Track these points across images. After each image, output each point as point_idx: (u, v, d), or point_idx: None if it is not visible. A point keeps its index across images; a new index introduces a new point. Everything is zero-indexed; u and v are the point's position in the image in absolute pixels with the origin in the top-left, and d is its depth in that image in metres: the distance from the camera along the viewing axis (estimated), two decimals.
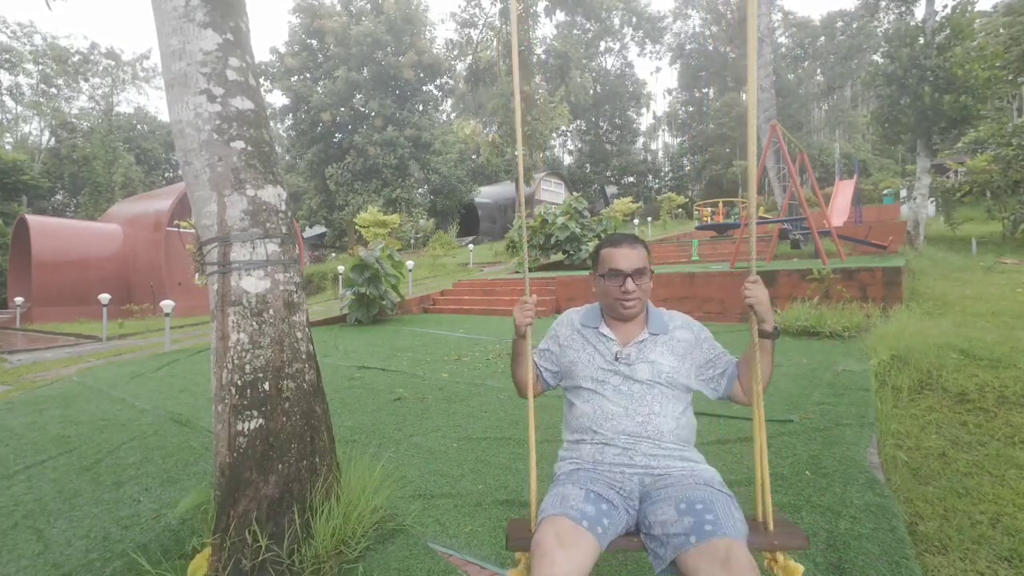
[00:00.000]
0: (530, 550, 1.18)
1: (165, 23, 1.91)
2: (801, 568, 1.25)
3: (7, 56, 32.70)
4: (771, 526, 1.30)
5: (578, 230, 12.16)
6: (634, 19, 39.99)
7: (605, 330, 1.53)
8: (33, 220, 15.74)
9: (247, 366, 1.86)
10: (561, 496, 1.28)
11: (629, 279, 1.46)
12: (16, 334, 12.19)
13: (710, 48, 39.40)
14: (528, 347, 1.53)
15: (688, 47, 40.28)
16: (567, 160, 45.48)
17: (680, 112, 43.00)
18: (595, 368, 1.49)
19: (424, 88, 29.18)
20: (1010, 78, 13.55)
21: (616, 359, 1.47)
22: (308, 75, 28.66)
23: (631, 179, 43.04)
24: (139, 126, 38.57)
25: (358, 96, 27.29)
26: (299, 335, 2.01)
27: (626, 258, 1.48)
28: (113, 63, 35.90)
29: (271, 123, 2.37)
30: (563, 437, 1.57)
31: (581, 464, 1.43)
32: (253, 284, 1.91)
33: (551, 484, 1.43)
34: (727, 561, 1.07)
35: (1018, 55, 13.26)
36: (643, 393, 1.44)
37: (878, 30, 28.13)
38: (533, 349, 1.59)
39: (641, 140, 46.79)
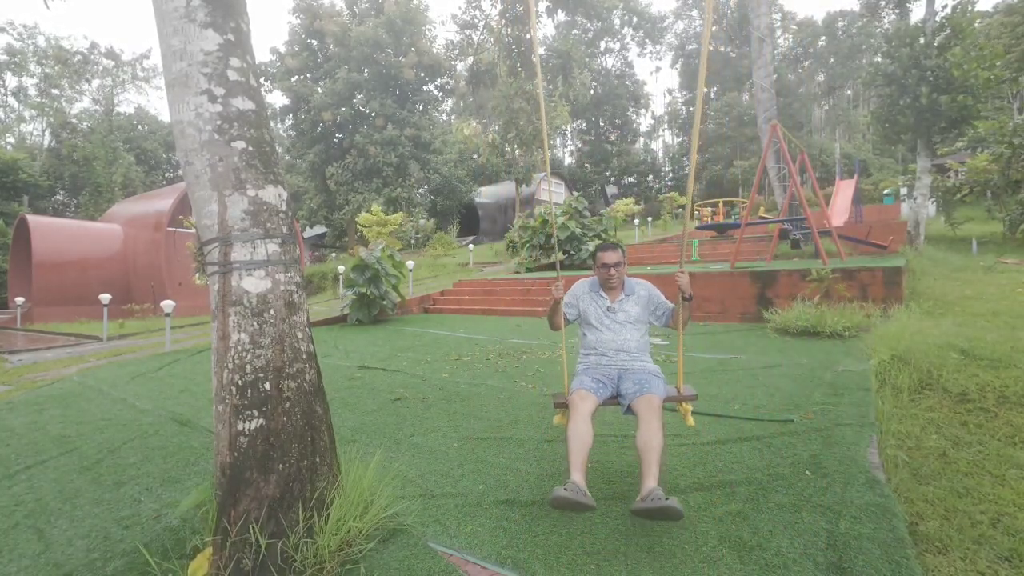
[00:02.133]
0: (568, 403, 2.37)
1: (166, 23, 1.92)
2: (690, 413, 2.55)
3: (15, 59, 32.73)
4: (681, 392, 2.53)
5: (578, 230, 12.13)
6: (634, 19, 40.00)
7: (602, 294, 2.68)
8: (33, 220, 15.73)
9: (248, 366, 1.86)
10: (579, 380, 2.49)
11: (611, 268, 2.61)
12: (16, 334, 12.19)
13: (711, 48, 39.37)
14: (561, 306, 2.64)
15: (690, 47, 40.26)
16: (567, 160, 45.45)
17: (682, 112, 42.96)
18: (597, 315, 2.65)
19: (424, 88, 29.17)
20: (1011, 77, 13.51)
21: (608, 310, 2.63)
22: (308, 75, 28.66)
23: (631, 179, 42.99)
24: (139, 126, 38.53)
25: (359, 96, 27.29)
26: (300, 335, 2.02)
27: (609, 257, 2.63)
28: (113, 63, 35.89)
29: (271, 123, 2.37)
30: (579, 351, 2.74)
31: (589, 366, 2.61)
32: (254, 284, 1.91)
33: (574, 376, 2.59)
34: (650, 404, 2.24)
35: (1019, 55, 13.24)
36: (621, 328, 2.60)
37: (878, 30, 28.10)
38: (562, 303, 2.69)
39: (641, 140, 46.73)
